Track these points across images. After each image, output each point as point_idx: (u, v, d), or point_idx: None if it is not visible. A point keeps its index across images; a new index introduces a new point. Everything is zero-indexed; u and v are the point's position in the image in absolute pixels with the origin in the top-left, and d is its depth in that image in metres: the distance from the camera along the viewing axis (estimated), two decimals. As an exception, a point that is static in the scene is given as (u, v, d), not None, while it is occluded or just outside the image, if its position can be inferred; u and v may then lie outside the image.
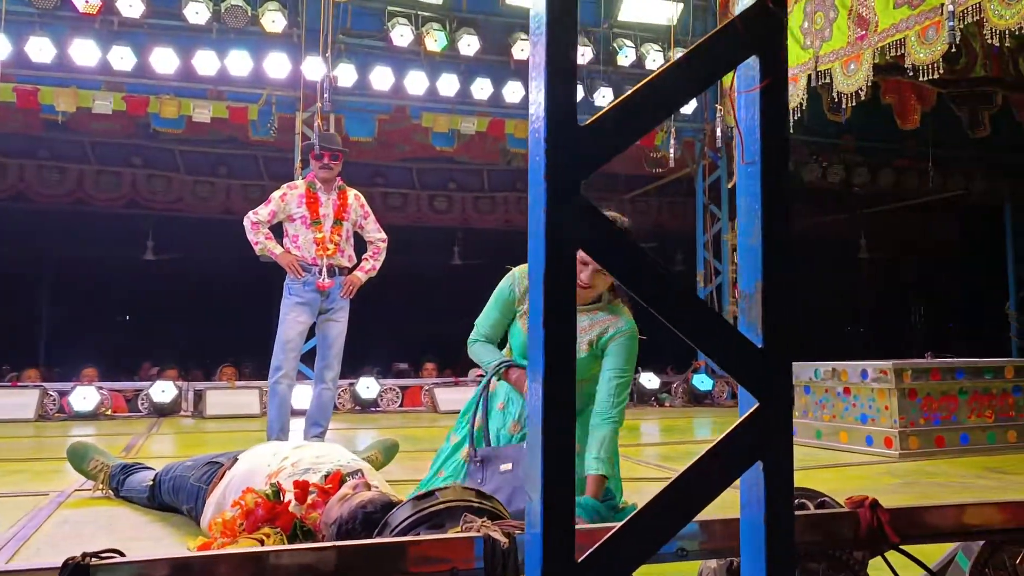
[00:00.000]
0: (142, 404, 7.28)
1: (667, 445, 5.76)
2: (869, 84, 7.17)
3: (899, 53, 6.84)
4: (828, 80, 7.47)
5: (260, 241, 4.57)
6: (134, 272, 12.00)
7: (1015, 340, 10.57)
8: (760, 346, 1.17)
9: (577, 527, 1.11)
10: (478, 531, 1.20)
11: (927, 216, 11.69)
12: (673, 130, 8.14)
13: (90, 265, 12.13)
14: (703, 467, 1.15)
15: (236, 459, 2.64)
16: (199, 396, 7.32)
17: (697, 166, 9.19)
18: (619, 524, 1.11)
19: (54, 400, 7.04)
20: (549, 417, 1.09)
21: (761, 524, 1.15)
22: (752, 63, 1.21)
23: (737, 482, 1.18)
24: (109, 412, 7.15)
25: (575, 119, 1.12)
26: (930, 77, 6.68)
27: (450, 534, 1.27)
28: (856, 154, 9.89)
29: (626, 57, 8.53)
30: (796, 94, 7.84)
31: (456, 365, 9.65)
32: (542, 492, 1.08)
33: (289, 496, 2.21)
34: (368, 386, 7.74)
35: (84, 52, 7.18)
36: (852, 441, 5.12)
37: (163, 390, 7.18)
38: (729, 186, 7.59)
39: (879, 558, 1.41)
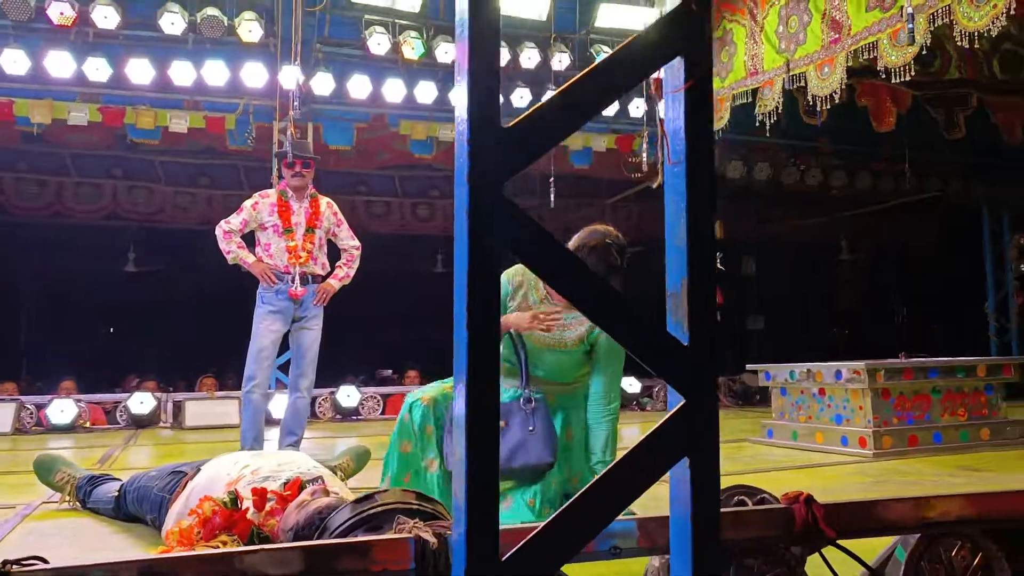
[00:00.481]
0: (120, 416, 7.24)
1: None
2: (844, 87, 7.22)
3: (873, 56, 6.91)
4: (803, 83, 7.52)
5: (232, 250, 4.56)
6: (116, 284, 11.94)
7: (994, 340, 10.64)
8: (686, 344, 1.18)
9: (502, 527, 1.11)
10: (409, 532, 1.21)
11: (906, 218, 11.76)
12: (646, 134, 8.16)
13: (71, 277, 12.07)
14: (630, 464, 1.16)
15: (199, 469, 2.63)
16: (178, 407, 7.28)
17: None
18: (544, 522, 1.11)
19: (31, 413, 6.99)
20: (473, 417, 1.10)
21: (688, 521, 1.16)
22: (677, 64, 1.22)
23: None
24: (87, 424, 7.11)
25: (498, 122, 1.13)
26: (903, 79, 6.76)
27: (382, 536, 1.27)
28: (833, 157, 9.94)
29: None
30: (772, 98, 7.89)
31: (440, 372, 9.62)
32: (465, 492, 1.09)
33: (247, 503, 2.20)
34: (349, 394, 7.72)
35: (59, 64, 7.15)
36: (827, 442, 5.15)
37: (141, 401, 7.15)
38: (654, 186, 7.59)
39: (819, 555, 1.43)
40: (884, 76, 6.82)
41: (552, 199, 7.48)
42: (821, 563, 1.48)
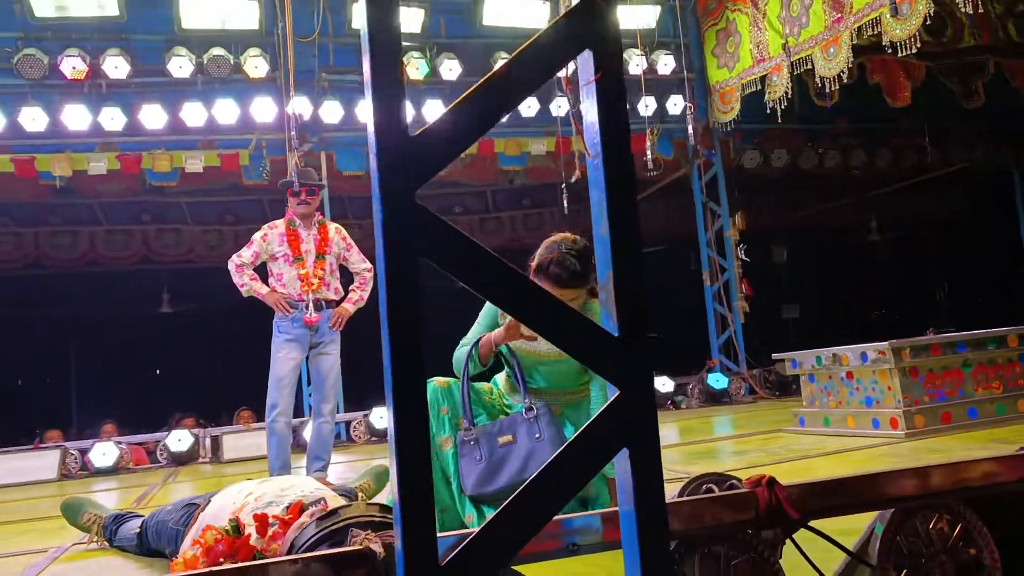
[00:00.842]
0: (161, 455, 7.37)
1: (686, 446, 5.70)
2: (851, 65, 7.13)
3: (878, 31, 6.81)
4: (811, 66, 7.45)
5: (245, 283, 4.63)
6: (152, 326, 12.20)
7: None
8: (617, 335, 1.18)
9: (441, 534, 1.11)
10: (361, 544, 1.22)
11: (934, 192, 11.54)
12: (649, 131, 8.13)
13: (109, 323, 12.35)
14: (567, 458, 1.16)
15: (209, 500, 2.67)
16: (216, 442, 7.39)
17: (691, 165, 9.16)
18: (483, 525, 1.11)
19: (75, 458, 7.14)
20: (401, 425, 1.11)
21: (632, 513, 1.16)
22: (586, 57, 1.23)
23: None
24: (130, 465, 7.25)
25: (405, 132, 1.15)
26: (910, 52, 6.65)
27: (332, 550, 1.28)
28: (851, 137, 9.81)
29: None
30: (781, 83, 7.82)
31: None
32: (399, 499, 1.09)
33: (250, 530, 2.23)
34: (382, 416, 7.77)
35: (76, 117, 7.36)
36: (859, 425, 5.05)
37: (179, 439, 7.27)
38: (573, 180, 7.50)
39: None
40: (891, 51, 6.73)
41: (565, 205, 7.47)
42: (813, 547, 1.45)
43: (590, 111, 1.23)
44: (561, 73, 1.31)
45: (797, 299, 13.79)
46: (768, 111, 7.94)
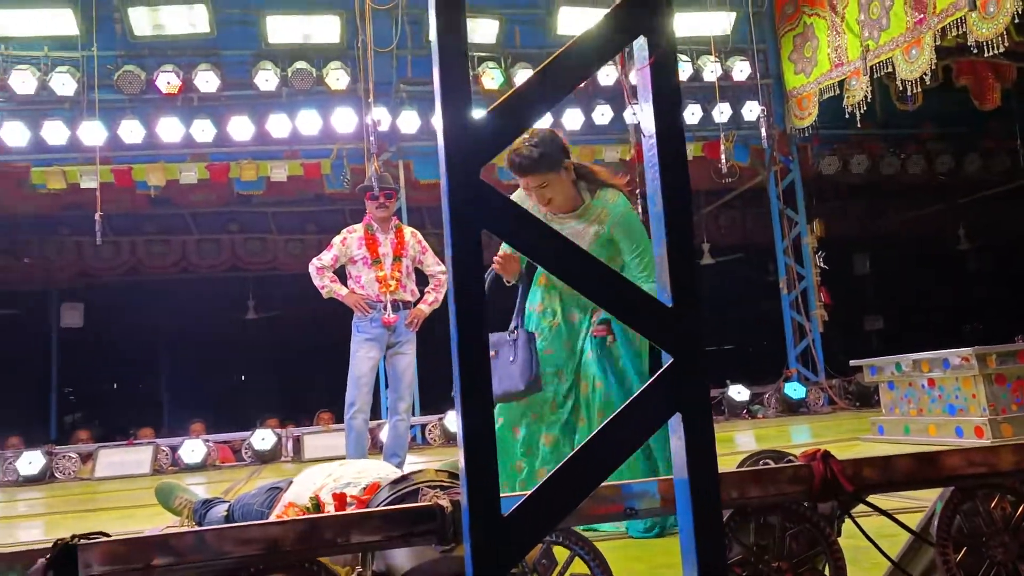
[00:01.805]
0: (246, 453, 7.66)
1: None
2: (935, 67, 6.96)
3: (963, 32, 6.63)
4: (891, 69, 7.29)
5: (326, 285, 4.82)
6: (238, 331, 12.67)
7: None
8: (670, 305, 1.24)
9: (504, 495, 1.19)
10: (430, 501, 1.30)
11: (1025, 198, 11.07)
12: (724, 137, 8.07)
13: (198, 328, 12.87)
14: (620, 423, 1.22)
15: (291, 482, 2.80)
16: (297, 441, 7.64)
17: (768, 172, 9.05)
18: (541, 482, 1.18)
19: (167, 454, 7.49)
20: (466, 386, 1.19)
21: (686, 479, 1.21)
22: (640, 43, 1.29)
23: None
24: (217, 463, 7.56)
25: (469, 113, 1.23)
26: (998, 52, 6.45)
27: (407, 505, 1.37)
28: (937, 142, 9.52)
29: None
30: (860, 88, 7.68)
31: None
32: (464, 454, 1.17)
33: (329, 508, 2.34)
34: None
35: (169, 129, 7.76)
36: (941, 434, 4.92)
37: (263, 438, 7.55)
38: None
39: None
40: (977, 52, 6.54)
41: (640, 211, 7.47)
42: (879, 531, 1.45)
43: (644, 94, 1.30)
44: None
45: (881, 310, 13.41)
46: (847, 116, 7.80)
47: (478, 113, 1.28)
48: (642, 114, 1.31)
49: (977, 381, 4.67)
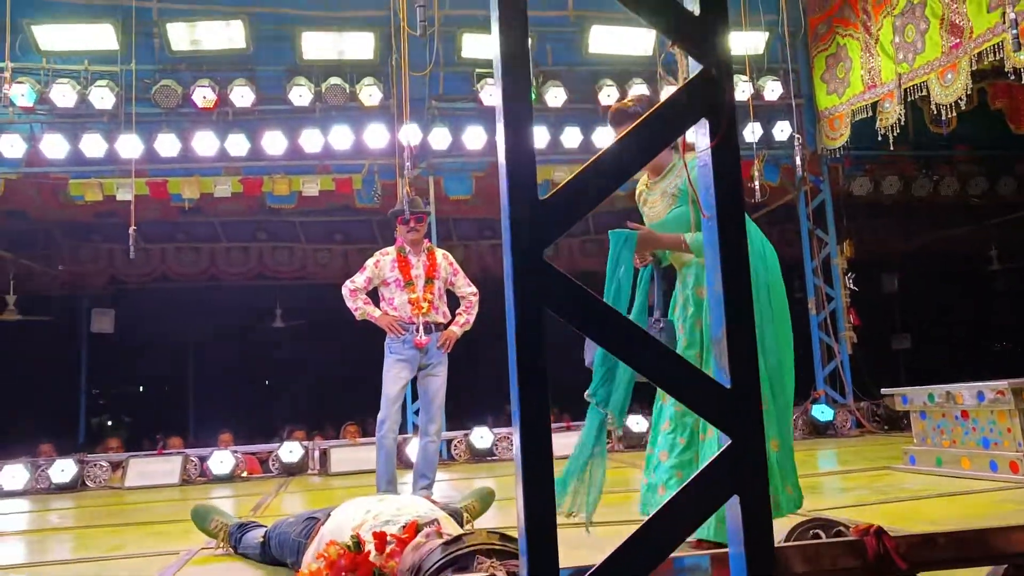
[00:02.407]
0: (273, 465, 7.72)
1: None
2: (972, 91, 6.91)
3: (1000, 57, 6.57)
4: (926, 93, 7.24)
5: (359, 307, 4.86)
6: (265, 339, 12.79)
7: None
8: (728, 387, 1.25)
9: (562, 567, 1.21)
10: (486, 571, 1.32)
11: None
12: (757, 157, 8.05)
13: (226, 336, 13.01)
14: (680, 502, 1.23)
15: (329, 515, 2.84)
16: (324, 454, 7.69)
17: (798, 192, 9.01)
18: (601, 561, 1.20)
19: (195, 465, 7.57)
20: (527, 462, 1.21)
21: (742, 558, 1.22)
22: (702, 126, 1.31)
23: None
24: (244, 474, 7.63)
25: (535, 196, 1.26)
26: (1035, 78, 6.39)
27: (469, 575, 1.39)
28: (971, 164, 9.44)
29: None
30: (893, 110, 7.63)
31: (571, 410, 9.73)
32: (525, 533, 1.19)
33: (369, 547, 2.37)
34: (482, 435, 7.92)
35: (204, 143, 7.87)
36: (975, 467, 4.87)
37: (291, 451, 7.61)
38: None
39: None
40: (1013, 77, 6.48)
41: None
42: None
43: (704, 176, 1.32)
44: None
45: (908, 330, 13.28)
46: (880, 137, 7.75)
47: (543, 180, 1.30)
48: (702, 195, 1.33)
49: (1012, 415, 4.62)
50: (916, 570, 1.37)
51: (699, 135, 1.32)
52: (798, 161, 8.28)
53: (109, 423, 14.38)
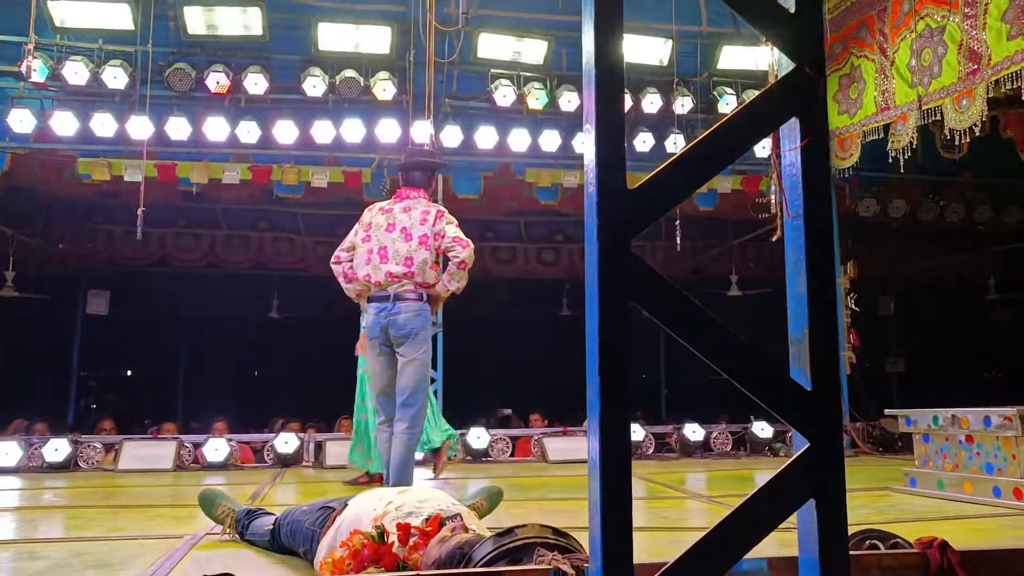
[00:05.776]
0: (267, 455, 7.67)
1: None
2: (985, 119, 6.93)
3: (1017, 86, 6.60)
4: (939, 117, 7.26)
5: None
6: (261, 329, 12.72)
7: None
8: (809, 389, 1.24)
9: (636, 562, 1.19)
10: (549, 564, 1.30)
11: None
12: (767, 174, 8.06)
13: (221, 323, 12.93)
14: (756, 505, 1.22)
15: (346, 504, 2.81)
16: (319, 447, 7.65)
17: (805, 209, 9.01)
18: (674, 559, 1.18)
19: (189, 451, 7.51)
20: (606, 459, 1.19)
21: (816, 561, 1.20)
22: (792, 124, 1.30)
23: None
24: (238, 462, 7.57)
25: (623, 183, 1.24)
26: (1050, 109, 6.43)
27: (526, 566, 1.37)
28: (978, 191, 9.48)
29: (727, 104, 8.56)
30: (906, 133, 7.65)
31: (565, 415, 9.73)
32: (601, 528, 1.17)
33: (392, 538, 2.35)
34: (479, 436, 7.89)
35: (215, 128, 7.83)
36: (977, 492, 4.87)
37: (286, 442, 7.56)
38: (774, 239, 7.47)
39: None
40: (1029, 106, 6.52)
41: (678, 241, 7.49)
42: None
43: (793, 174, 1.30)
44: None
45: (903, 352, 13.32)
46: (890, 160, 7.77)
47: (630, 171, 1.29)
48: (788, 193, 1.32)
49: (1019, 442, 4.63)
50: (978, 585, 1.36)
51: (789, 134, 1.30)
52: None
53: (94, 406, 14.23)
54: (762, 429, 8.24)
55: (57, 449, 7.01)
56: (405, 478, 4.29)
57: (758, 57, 8.57)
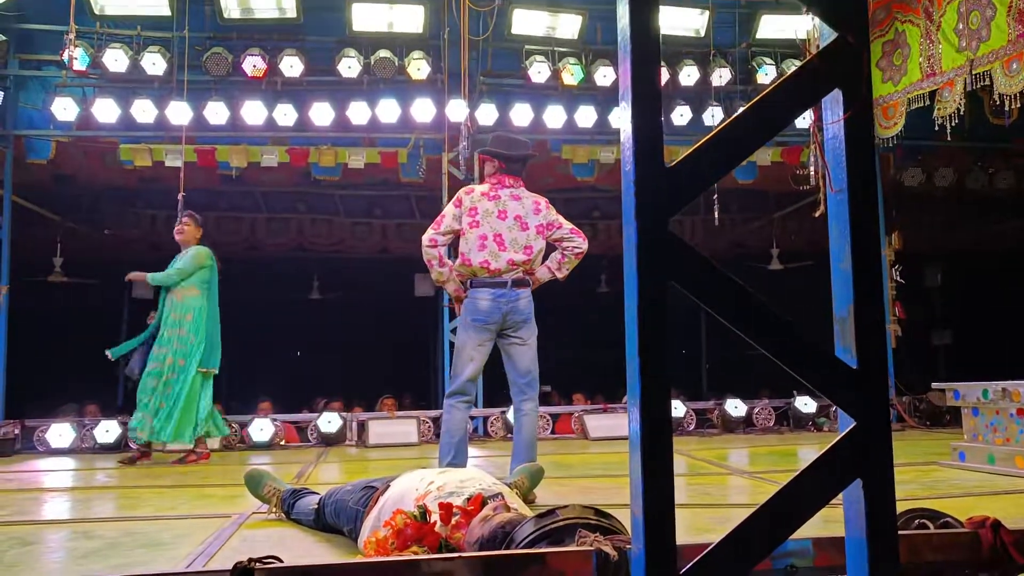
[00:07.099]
0: (311, 434, 7.79)
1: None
2: (1036, 82, 6.71)
3: (1068, 47, 6.38)
4: (988, 82, 7.04)
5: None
6: (303, 310, 12.87)
7: None
8: (855, 367, 1.21)
9: (679, 543, 1.18)
10: (591, 546, 1.30)
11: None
12: (808, 144, 7.90)
13: (264, 305, 13.10)
14: (801, 484, 1.20)
15: (389, 484, 2.84)
16: (362, 426, 7.74)
17: (848, 180, 8.84)
18: (718, 540, 1.17)
19: (235, 431, 7.65)
20: (648, 438, 1.18)
21: (864, 542, 1.18)
22: (835, 96, 1.26)
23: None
24: (283, 442, 7.71)
25: (661, 160, 1.22)
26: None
27: (568, 548, 1.37)
28: (1027, 157, 9.21)
29: (766, 75, 8.40)
30: (953, 99, 7.44)
31: (605, 391, 9.72)
32: (643, 510, 1.16)
33: (435, 517, 2.37)
34: (519, 414, 7.91)
35: (253, 112, 7.89)
36: (1030, 466, 4.77)
37: (329, 421, 7.67)
38: (816, 215, 7.31)
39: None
40: (1083, 68, 6.29)
41: (716, 215, 7.39)
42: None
43: (836, 147, 1.27)
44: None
45: (950, 325, 13.04)
46: (936, 127, 7.57)
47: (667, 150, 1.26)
48: (832, 168, 1.28)
49: (1072, 415, 4.52)
50: (1032, 565, 1.33)
51: (831, 106, 1.27)
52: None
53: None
54: (805, 404, 8.15)
55: (108, 431, 7.19)
56: (533, 455, 4.33)
57: (798, 25, 8.36)
